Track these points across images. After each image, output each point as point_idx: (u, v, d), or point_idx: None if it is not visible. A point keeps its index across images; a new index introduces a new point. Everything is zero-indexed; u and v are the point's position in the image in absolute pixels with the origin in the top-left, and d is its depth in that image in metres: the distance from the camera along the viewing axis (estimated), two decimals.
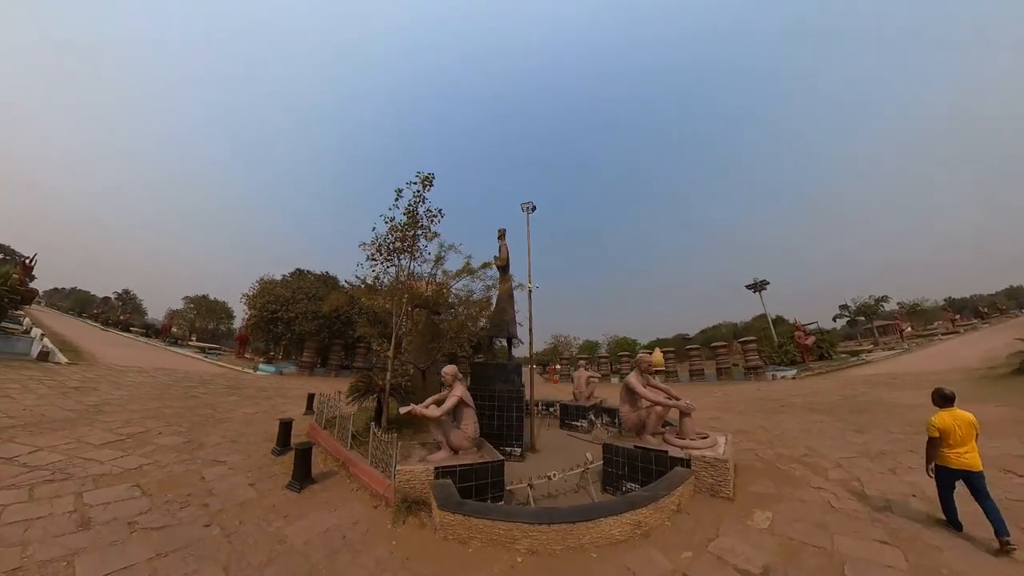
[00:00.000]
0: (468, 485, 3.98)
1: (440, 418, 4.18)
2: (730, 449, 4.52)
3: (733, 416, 9.27)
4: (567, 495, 4.62)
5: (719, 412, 9.98)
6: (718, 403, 11.63)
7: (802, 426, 7.48)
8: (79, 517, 3.17)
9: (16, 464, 4.00)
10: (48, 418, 5.77)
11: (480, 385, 7.13)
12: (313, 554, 2.89)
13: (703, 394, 13.84)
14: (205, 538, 3.03)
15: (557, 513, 3.39)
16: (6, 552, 2.61)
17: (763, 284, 28.42)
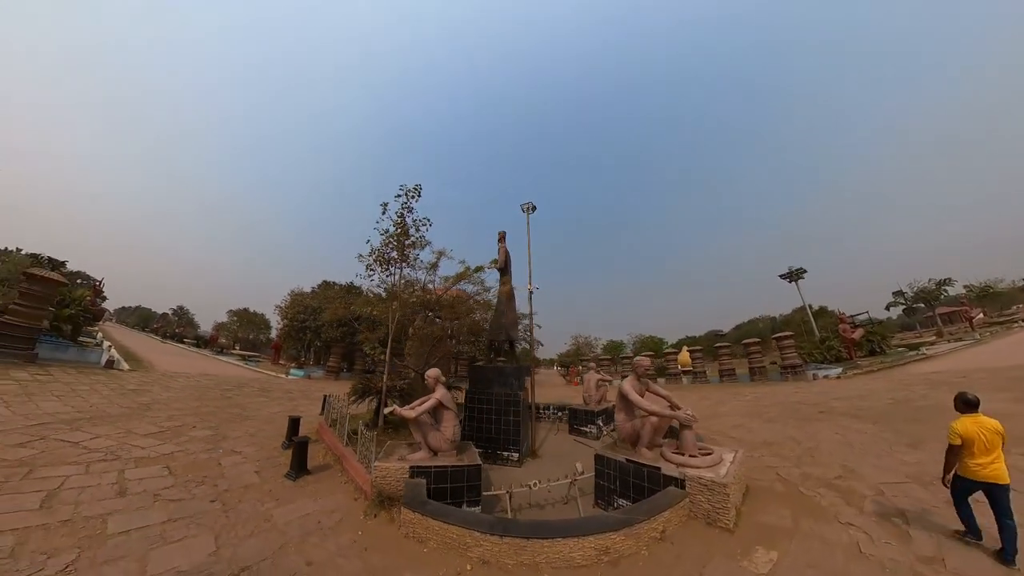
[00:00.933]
0: (443, 487, 4.06)
1: (418, 419, 4.34)
2: (737, 469, 3.93)
3: (761, 424, 8.33)
4: (555, 506, 4.42)
5: (745, 419, 9.00)
6: (746, 408, 10.59)
7: (841, 438, 6.46)
8: (119, 488, 3.90)
9: (79, 447, 4.93)
10: (107, 413, 6.89)
11: (478, 388, 7.17)
12: (289, 533, 3.29)
13: (731, 397, 12.73)
14: (208, 511, 3.61)
15: (513, 526, 3.25)
16: (63, 507, 3.34)
17: (799, 273, 25.68)
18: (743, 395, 13.13)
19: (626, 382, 4.49)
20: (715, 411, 10.36)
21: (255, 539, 3.14)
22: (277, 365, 25.86)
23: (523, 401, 6.90)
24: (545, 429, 9.19)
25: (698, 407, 10.79)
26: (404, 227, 7.46)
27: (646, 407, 4.21)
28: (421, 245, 8.27)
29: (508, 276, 8.96)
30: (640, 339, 39.42)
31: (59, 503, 3.41)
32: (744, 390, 14.74)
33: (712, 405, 11.41)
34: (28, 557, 2.61)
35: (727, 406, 11.02)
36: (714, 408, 10.87)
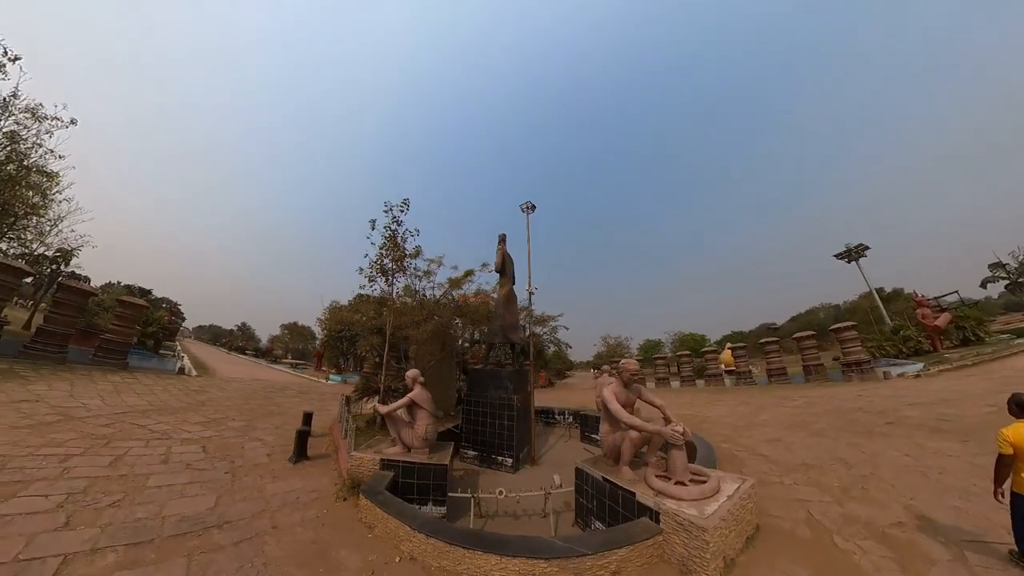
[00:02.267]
0: (410, 482, 4.33)
1: (391, 415, 4.72)
2: (735, 506, 3.14)
3: (803, 439, 6.75)
4: (532, 519, 4.18)
5: (785, 431, 7.48)
6: (790, 416, 9.00)
7: (912, 461, 4.93)
8: (164, 458, 5.08)
9: (145, 429, 6.37)
10: (171, 407, 8.59)
11: (474, 391, 7.29)
12: (272, 502, 4.06)
13: (775, 402, 11.34)
14: (220, 480, 4.58)
15: (442, 528, 3.21)
16: (123, 467, 4.52)
17: (859, 250, 21.27)
18: (791, 399, 11.59)
19: (607, 388, 3.95)
20: (751, 420, 9.13)
21: (244, 503, 3.97)
22: (319, 371, 28.80)
23: (517, 405, 6.74)
24: (556, 435, 9.06)
25: (733, 415, 9.97)
26: (394, 239, 8.30)
27: (625, 419, 3.65)
28: (414, 255, 9.06)
29: (507, 278, 9.17)
30: (679, 337, 35.83)
31: (121, 464, 4.61)
32: (794, 393, 13.13)
33: (750, 412, 10.22)
34: (93, 494, 3.70)
35: (767, 413, 9.80)
36: (751, 416, 9.65)
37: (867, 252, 21.10)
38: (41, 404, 6.78)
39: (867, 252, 21.10)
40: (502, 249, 9.30)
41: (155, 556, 2.83)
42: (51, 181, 16.27)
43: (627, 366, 4.19)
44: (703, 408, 11.79)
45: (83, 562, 2.68)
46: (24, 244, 17.26)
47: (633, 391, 4.12)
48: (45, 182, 16.03)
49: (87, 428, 5.90)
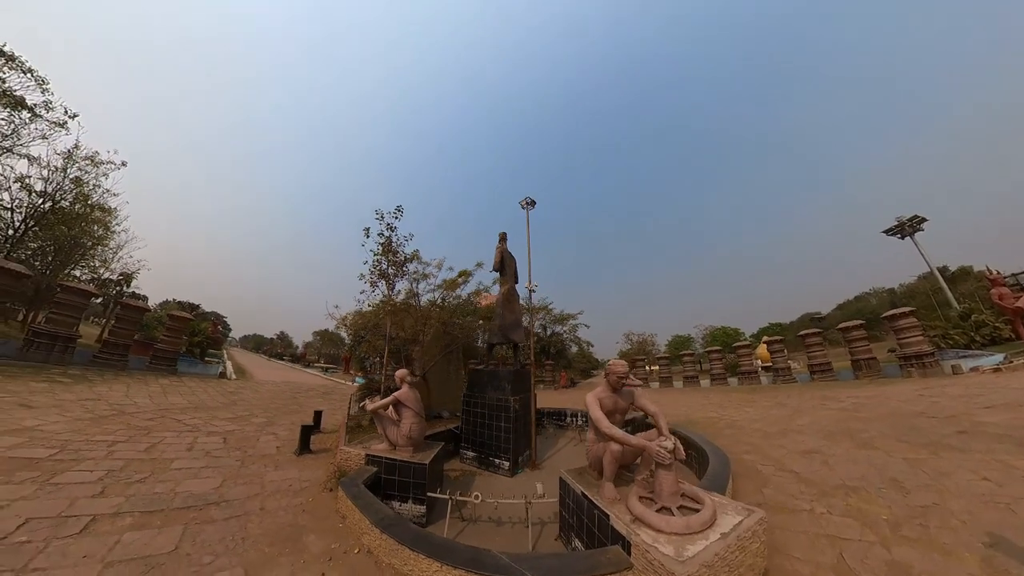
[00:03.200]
0: (392, 479, 4.52)
1: (377, 412, 5.02)
2: (729, 549, 2.52)
3: (848, 450, 5.62)
4: (515, 527, 3.99)
5: (825, 441, 6.29)
6: (834, 422, 7.53)
7: (993, 487, 3.85)
8: (189, 446, 5.94)
9: (180, 423, 7.40)
10: (207, 405, 9.79)
11: (473, 392, 7.37)
12: (267, 488, 4.60)
13: (816, 404, 10.01)
14: (230, 466, 5.27)
15: (396, 525, 3.21)
16: (155, 452, 5.37)
17: (915, 223, 18.17)
18: (836, 400, 10.23)
19: (591, 394, 3.60)
20: (786, 425, 7.88)
21: (243, 487, 4.57)
22: (347, 374, 30.69)
23: (515, 407, 6.65)
24: (567, 439, 8.86)
25: (766, 418, 8.90)
26: (389, 245, 8.87)
27: (604, 428, 3.28)
28: (411, 259, 9.62)
29: (506, 277, 9.28)
30: (710, 332, 33.95)
31: (154, 450, 5.48)
32: (840, 393, 11.52)
33: (785, 416, 8.94)
34: (126, 472, 4.50)
35: (806, 417, 8.44)
36: (786, 421, 8.35)
37: (924, 225, 17.71)
38: (101, 402, 8.09)
39: (924, 225, 17.71)
40: (500, 247, 9.42)
41: (160, 523, 3.45)
42: (110, 216, 19.27)
43: (614, 368, 3.76)
44: (731, 410, 10.95)
45: (106, 522, 3.35)
46: (93, 270, 20.53)
47: (624, 396, 3.72)
48: (106, 217, 19.01)
49: (134, 421, 7.00)
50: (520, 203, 10.13)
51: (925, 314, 15.79)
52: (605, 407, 3.56)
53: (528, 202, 10.35)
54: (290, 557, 3.07)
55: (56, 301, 12.88)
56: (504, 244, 9.53)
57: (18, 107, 15.14)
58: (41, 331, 12.04)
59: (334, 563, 3.02)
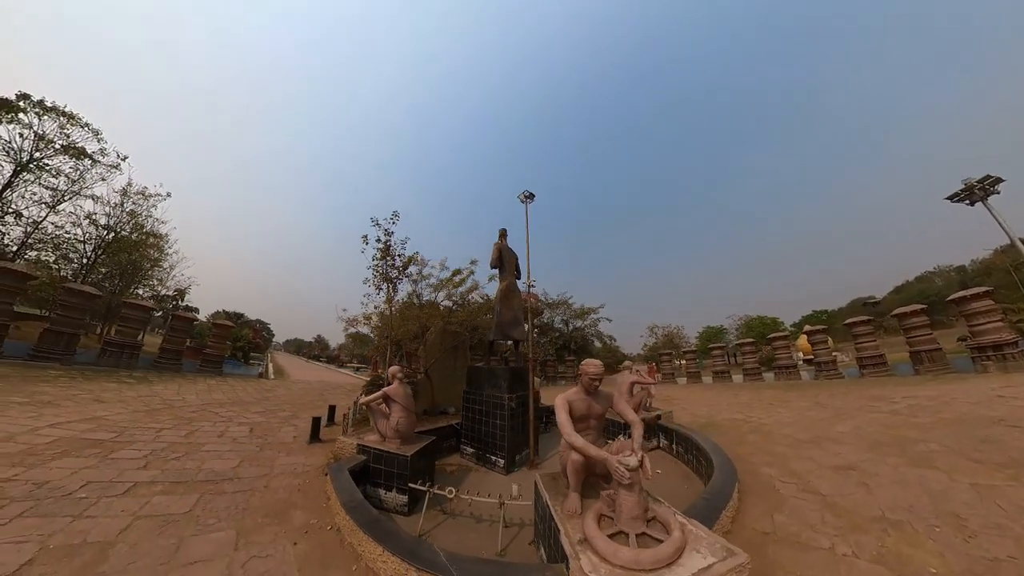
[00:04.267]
0: (379, 468, 4.85)
1: (371, 406, 5.47)
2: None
3: (897, 467, 4.66)
4: (493, 526, 3.88)
5: (868, 453, 5.31)
6: (882, 428, 6.44)
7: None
8: (220, 433, 6.97)
9: (217, 415, 8.60)
10: (243, 400, 11.17)
11: (471, 389, 7.62)
12: (275, 469, 5.33)
13: (865, 406, 8.66)
14: (250, 450, 6.15)
15: (359, 510, 3.48)
16: (192, 438, 6.40)
17: (989, 186, 15.26)
18: (888, 401, 8.83)
19: (561, 395, 3.42)
20: (823, 431, 6.87)
21: (256, 468, 5.36)
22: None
23: (511, 405, 6.63)
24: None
25: (800, 422, 7.93)
26: (388, 250, 9.57)
27: (565, 434, 3.08)
28: (409, 262, 10.29)
29: (506, 273, 9.48)
30: (745, 322, 31.78)
31: (191, 436, 6.54)
32: (894, 391, 10.03)
33: (824, 419, 7.79)
34: (166, 452, 5.48)
35: (849, 422, 7.29)
36: (825, 425, 7.26)
37: (1000, 187, 14.83)
38: (156, 398, 9.59)
39: (1000, 187, 14.83)
40: (498, 244, 9.60)
41: (182, 491, 4.26)
42: (163, 241, 22.49)
43: (586, 369, 3.45)
44: (760, 411, 9.93)
45: (143, 488, 4.21)
46: (152, 288, 23.90)
47: (600, 399, 3.43)
48: (159, 242, 22.22)
49: (180, 413, 8.28)
50: (519, 196, 10.45)
51: (1005, 294, 13.63)
52: (576, 411, 3.32)
53: (526, 195, 10.48)
54: (276, 527, 3.65)
55: (122, 316, 15.19)
56: (504, 240, 9.75)
57: (81, 156, 18.83)
58: (112, 341, 14.30)
59: (308, 536, 3.53)
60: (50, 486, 3.96)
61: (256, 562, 2.98)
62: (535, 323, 37.02)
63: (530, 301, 30.87)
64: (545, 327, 34.16)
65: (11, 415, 6.40)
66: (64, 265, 19.70)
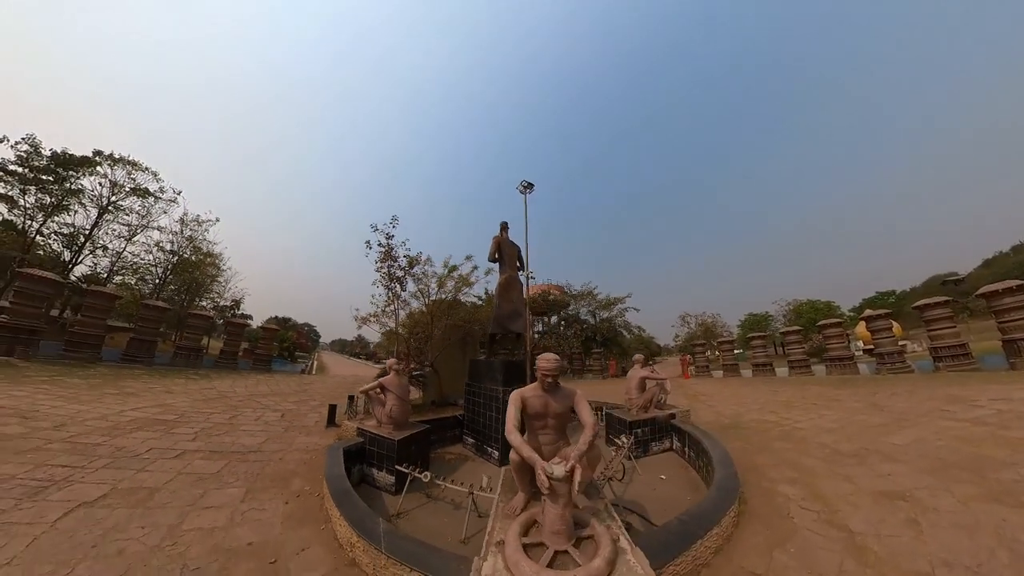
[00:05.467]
0: (372, 450, 5.46)
1: (369, 394, 6.20)
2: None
3: (966, 501, 3.58)
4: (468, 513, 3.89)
5: (931, 477, 4.20)
6: (956, 443, 5.22)
7: None
8: (257, 418, 8.38)
9: (258, 403, 10.20)
10: (282, 392, 12.94)
11: (473, 382, 8.06)
12: (293, 446, 6.37)
13: (936, 410, 7.16)
14: (276, 431, 7.35)
15: (333, 480, 3.96)
16: (234, 421, 7.81)
17: None
18: (969, 405, 7.31)
19: (516, 391, 3.27)
20: (872, 442, 5.67)
21: (277, 444, 6.48)
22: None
23: (504, 398, 6.74)
24: None
25: (847, 427, 6.68)
26: (389, 253, 10.48)
27: (506, 431, 2.95)
28: (413, 263, 11.17)
29: (506, 266, 9.65)
30: (794, 307, 28.59)
31: (234, 419, 7.97)
32: (980, 392, 8.41)
33: (876, 427, 6.54)
34: (211, 431, 6.84)
35: (909, 432, 5.99)
36: (876, 435, 6.01)
37: None
38: (213, 390, 11.53)
39: None
40: (497, 237, 9.76)
41: (216, 458, 5.41)
42: (218, 259, 26.48)
43: (539, 363, 3.23)
44: (799, 411, 8.68)
45: (189, 454, 5.43)
46: (212, 300, 27.96)
47: (559, 397, 3.17)
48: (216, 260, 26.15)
49: (229, 402, 9.97)
50: (517, 187, 10.73)
51: None
52: (531, 408, 3.14)
53: (525, 185, 10.75)
54: (277, 490, 4.54)
55: (189, 324, 18.07)
56: (504, 233, 9.93)
57: (146, 195, 23.67)
58: (182, 346, 17.17)
59: (299, 499, 4.30)
60: (125, 450, 5.31)
61: (252, 512, 3.87)
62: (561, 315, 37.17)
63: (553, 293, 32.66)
64: (571, 319, 34.09)
65: (105, 402, 8.27)
66: (142, 285, 24.45)
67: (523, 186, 10.38)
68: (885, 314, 15.08)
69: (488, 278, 12.74)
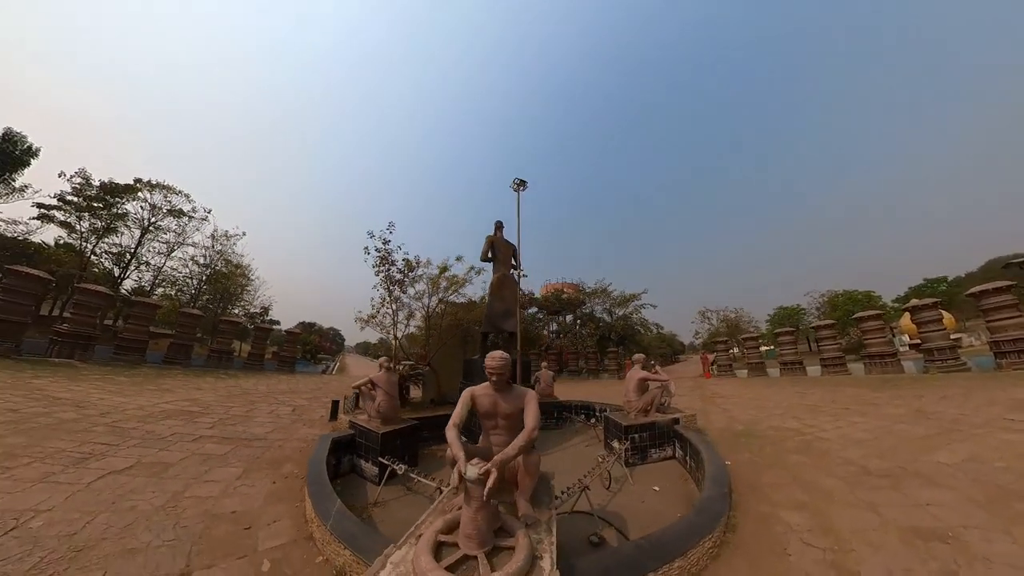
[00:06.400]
0: (360, 442, 5.88)
1: (360, 389, 6.74)
2: None
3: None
4: None
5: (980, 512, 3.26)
6: (1019, 466, 4.22)
7: None
8: (270, 412, 9.31)
9: (275, 399, 11.24)
10: (299, 390, 14.08)
11: (467, 381, 8.56)
12: (295, 436, 7.12)
13: (991, 422, 6.12)
14: (286, 422, 8.18)
15: (315, 465, 4.35)
16: (252, 416, 8.72)
17: None
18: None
19: (469, 388, 3.26)
20: (913, 461, 4.73)
21: (280, 433, 7.24)
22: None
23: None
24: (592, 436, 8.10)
25: (876, 441, 5.74)
26: (386, 259, 11.17)
27: (446, 429, 2.85)
28: (413, 266, 11.85)
29: (499, 265, 10.07)
30: (829, 299, 26.86)
31: (250, 412, 8.91)
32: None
33: (920, 442, 5.48)
34: (228, 421, 7.76)
35: (962, 447, 5.04)
36: (919, 452, 5.03)
37: None
38: (237, 387, 12.79)
39: None
40: (490, 237, 10.19)
41: (226, 444, 6.22)
42: (247, 270, 29.25)
43: (487, 361, 3.16)
44: (827, 417, 7.66)
45: (204, 439, 6.27)
46: (243, 308, 30.68)
47: (510, 397, 3.12)
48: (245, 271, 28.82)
49: (250, 397, 11.07)
50: (510, 185, 10.62)
51: None
52: (480, 407, 3.14)
53: (518, 183, 11.10)
54: (269, 471, 5.18)
55: (221, 330, 19.89)
56: (499, 233, 10.34)
57: (181, 215, 27.38)
58: (215, 349, 18.96)
59: (286, 480, 4.89)
60: (153, 433, 6.23)
61: (243, 488, 4.52)
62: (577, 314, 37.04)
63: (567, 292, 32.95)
64: (586, 318, 33.93)
65: (144, 396, 9.50)
66: (181, 296, 27.11)
67: (516, 184, 10.64)
68: (934, 303, 13.59)
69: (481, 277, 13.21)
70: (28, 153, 21.98)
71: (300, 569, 2.94)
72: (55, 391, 8.57)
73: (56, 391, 8.59)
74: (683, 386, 16.13)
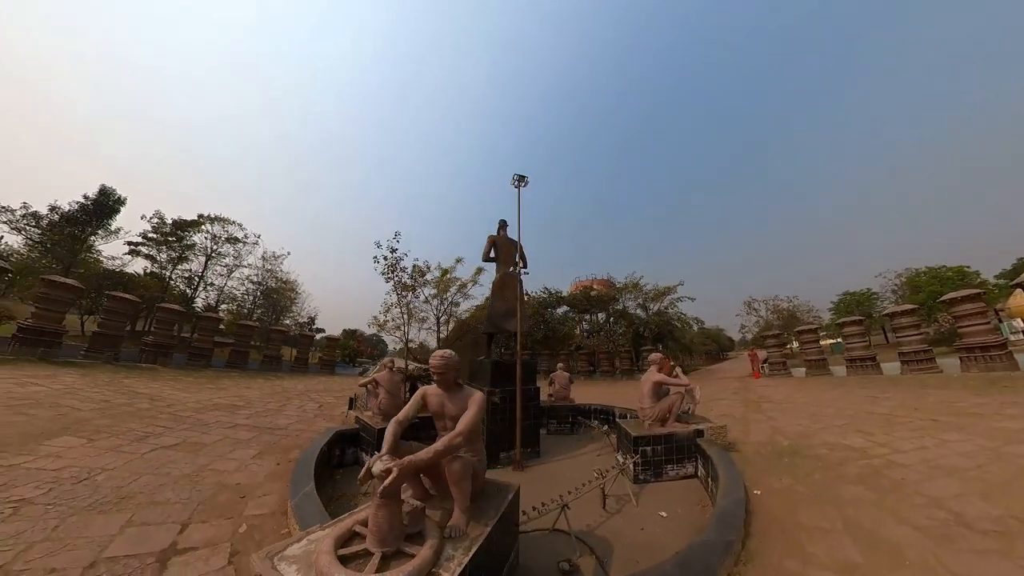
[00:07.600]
0: (363, 436, 6.56)
1: (366, 387, 7.81)
2: None
3: None
4: None
5: None
6: None
7: None
8: (299, 407, 10.70)
9: (307, 397, 12.80)
10: (332, 389, 15.73)
11: (475, 383, 8.66)
12: (311, 427, 8.17)
13: None
14: (309, 415, 9.41)
15: (307, 452, 4.98)
16: (284, 408, 10.20)
17: None
18: None
19: (423, 387, 3.28)
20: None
21: (301, 425, 8.38)
22: None
23: (491, 399, 6.77)
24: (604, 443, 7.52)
25: (979, 469, 3.99)
26: (394, 267, 12.26)
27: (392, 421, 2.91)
28: (422, 272, 12.89)
29: (502, 264, 10.11)
30: (910, 277, 22.96)
31: (283, 407, 10.34)
32: None
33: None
34: (262, 413, 9.14)
35: None
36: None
37: None
38: (280, 386, 14.66)
39: None
40: (492, 236, 10.19)
41: (254, 431, 7.40)
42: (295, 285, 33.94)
43: (430, 360, 3.20)
44: (904, 432, 5.93)
45: (239, 427, 7.53)
46: (292, 318, 34.97)
47: (456, 398, 3.09)
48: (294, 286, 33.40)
49: (287, 394, 12.70)
50: (511, 181, 11.08)
51: None
52: (431, 406, 3.16)
53: (519, 179, 11.19)
54: (278, 455, 6.09)
55: (271, 338, 22.70)
56: (503, 231, 10.42)
57: (236, 242, 33.87)
58: (268, 355, 21.65)
59: (289, 463, 5.59)
60: (201, 421, 7.63)
61: (252, 464, 5.49)
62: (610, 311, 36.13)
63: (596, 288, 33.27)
64: (618, 315, 32.99)
65: (202, 393, 11.34)
66: (239, 310, 31.60)
67: (516, 179, 10.78)
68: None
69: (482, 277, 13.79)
70: (118, 203, 28.45)
71: (267, 535, 3.63)
72: (138, 388, 10.66)
73: (139, 388, 10.67)
74: (726, 388, 14.78)
